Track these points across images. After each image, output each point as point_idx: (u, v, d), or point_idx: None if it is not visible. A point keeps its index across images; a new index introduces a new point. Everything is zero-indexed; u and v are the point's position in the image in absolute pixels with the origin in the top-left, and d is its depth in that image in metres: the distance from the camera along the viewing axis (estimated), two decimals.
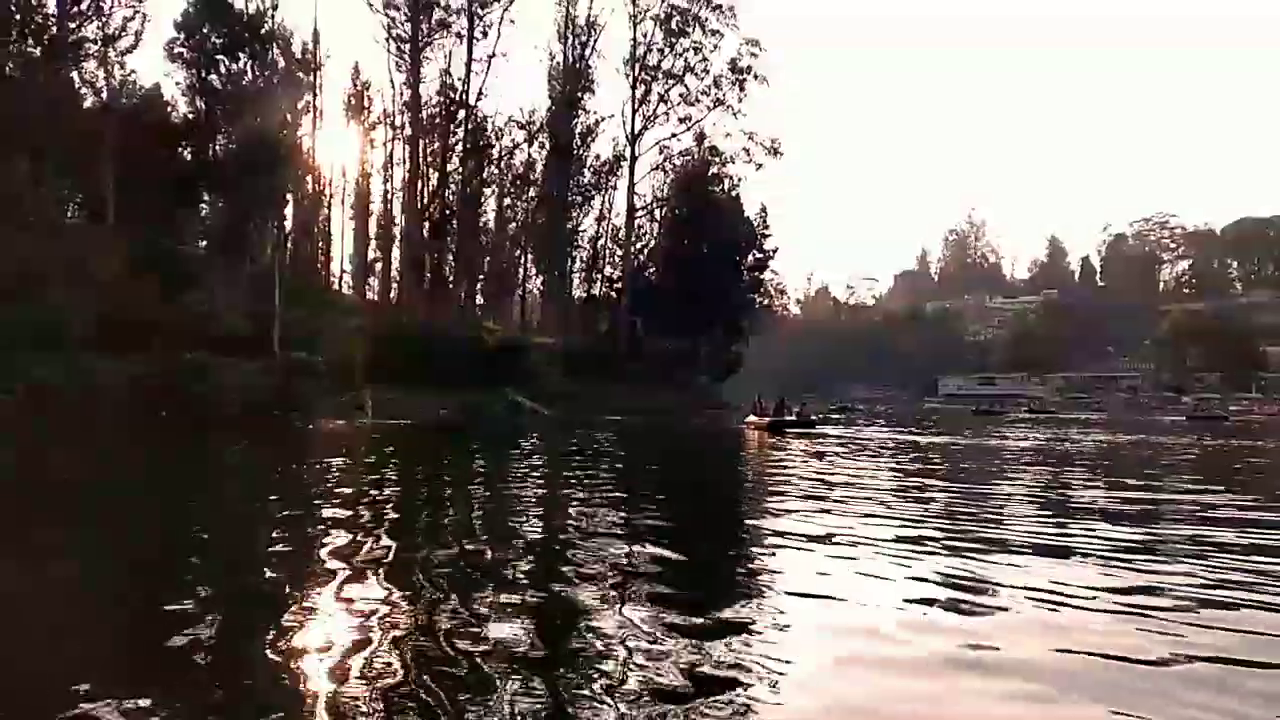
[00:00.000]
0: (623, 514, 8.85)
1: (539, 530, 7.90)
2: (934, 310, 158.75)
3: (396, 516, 8.46)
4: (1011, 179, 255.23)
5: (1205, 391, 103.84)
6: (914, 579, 5.73)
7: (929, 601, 5.13)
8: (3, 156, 29.62)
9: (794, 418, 29.47)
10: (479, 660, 3.93)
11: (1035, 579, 5.67)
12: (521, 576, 5.73)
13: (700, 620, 4.58)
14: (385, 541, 6.87)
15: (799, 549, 6.86)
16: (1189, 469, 16.62)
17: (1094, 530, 7.96)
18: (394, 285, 55.05)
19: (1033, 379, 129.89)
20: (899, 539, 7.28)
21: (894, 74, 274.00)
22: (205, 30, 39.61)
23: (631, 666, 3.87)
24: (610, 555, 6.44)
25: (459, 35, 50.31)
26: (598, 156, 61.52)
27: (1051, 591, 5.34)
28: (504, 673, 3.78)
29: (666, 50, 56.99)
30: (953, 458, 18.92)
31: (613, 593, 5.21)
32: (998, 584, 5.59)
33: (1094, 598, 5.22)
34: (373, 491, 10.47)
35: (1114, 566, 6.22)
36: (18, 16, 31.69)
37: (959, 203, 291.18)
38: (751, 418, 30.10)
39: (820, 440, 23.83)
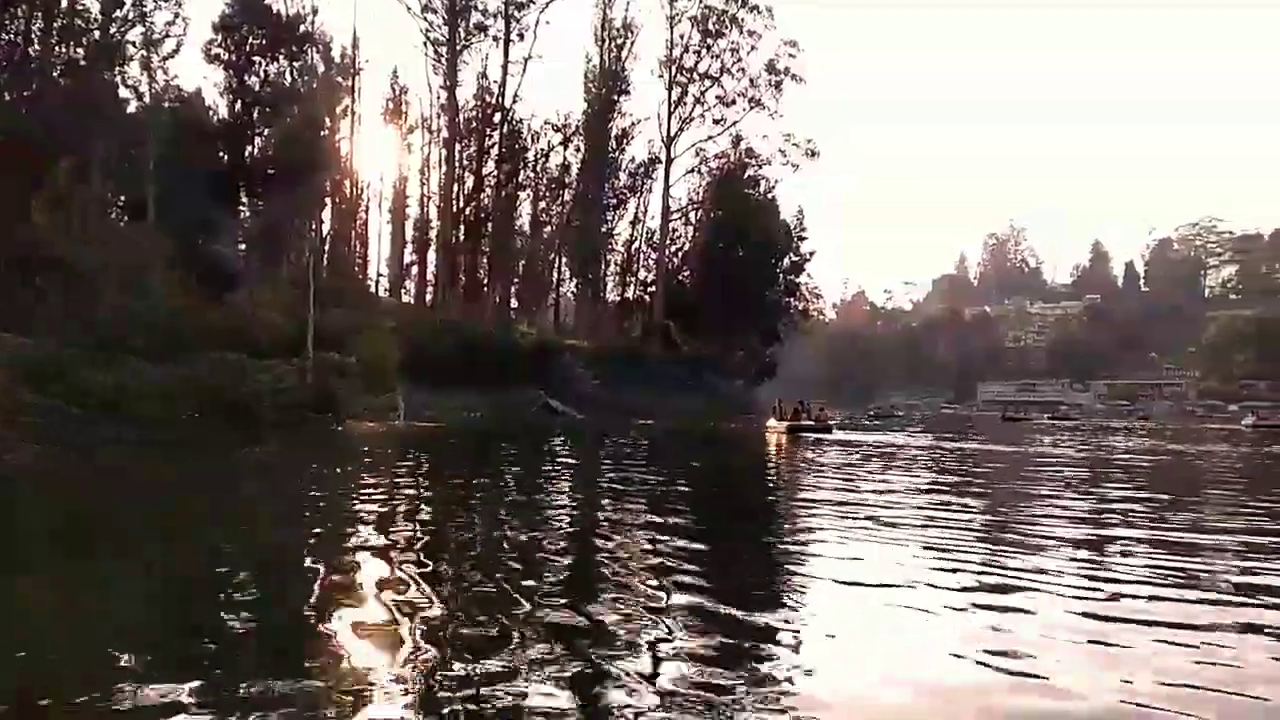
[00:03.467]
0: (650, 530, 8.51)
1: (569, 542, 7.69)
2: (973, 315, 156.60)
3: (427, 523, 8.32)
4: (1053, 183, 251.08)
5: (1251, 399, 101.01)
6: (953, 595, 5.46)
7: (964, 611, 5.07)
8: (51, 159, 30.10)
9: (812, 422, 30.12)
10: (518, 645, 4.07)
11: (1074, 597, 5.44)
12: (551, 590, 5.56)
13: (735, 643, 4.38)
14: (412, 551, 6.70)
15: (830, 558, 6.74)
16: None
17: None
18: (429, 288, 55.32)
19: (1075, 385, 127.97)
20: (930, 549, 7.11)
21: (934, 76, 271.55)
22: (243, 31, 39.96)
23: (668, 668, 3.88)
24: (640, 571, 6.22)
25: (495, 38, 50.59)
26: (633, 159, 61.41)
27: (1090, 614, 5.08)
28: (541, 676, 3.77)
29: (703, 51, 56.77)
30: (990, 466, 18.38)
31: (646, 614, 4.94)
32: (1030, 590, 5.54)
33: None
34: (402, 496, 10.37)
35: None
36: (62, 21, 32.16)
37: (999, 207, 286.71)
38: (772, 422, 30.26)
39: (849, 446, 23.58)
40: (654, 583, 5.71)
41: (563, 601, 5.12)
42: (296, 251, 44.29)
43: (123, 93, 36.38)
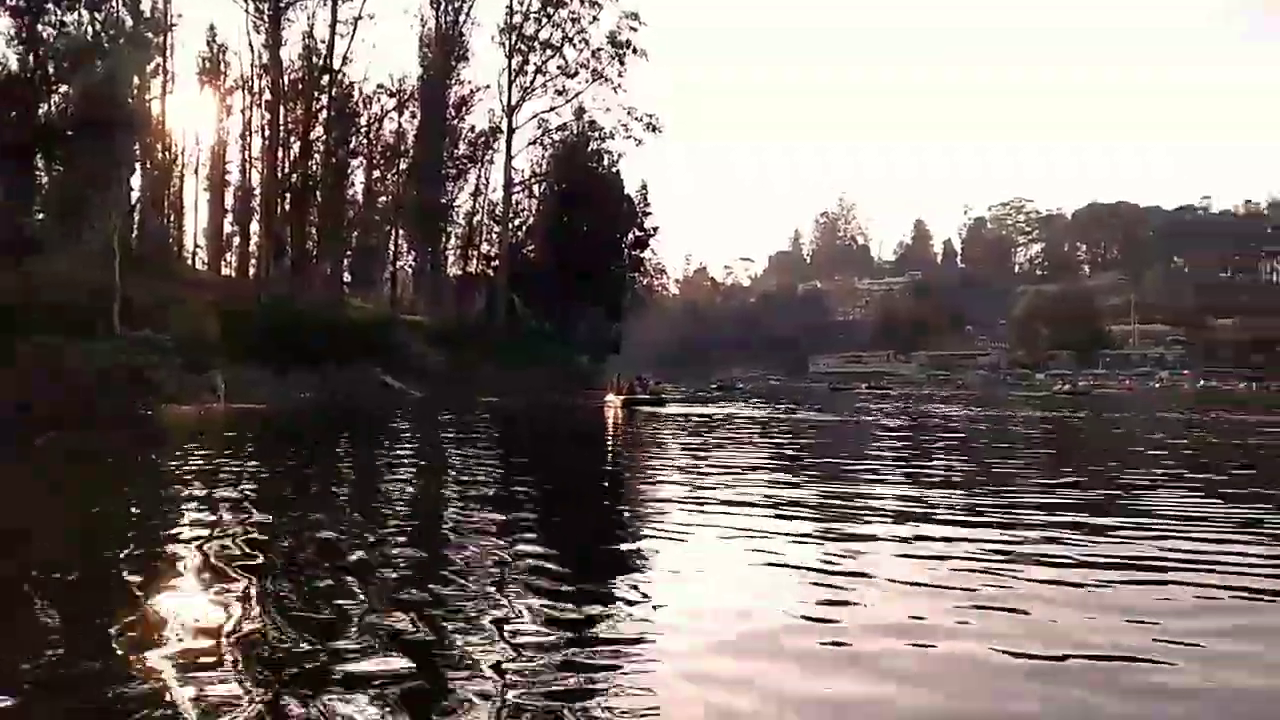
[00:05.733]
0: (495, 502, 8.39)
1: (409, 519, 7.40)
2: (806, 291, 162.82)
3: (248, 513, 7.39)
4: (880, 163, 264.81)
5: (1055, 368, 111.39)
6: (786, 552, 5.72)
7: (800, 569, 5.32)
8: None
9: (647, 396, 31.76)
10: (352, 659, 3.57)
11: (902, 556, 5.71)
12: (391, 570, 5.31)
13: (575, 608, 4.41)
14: (235, 543, 5.92)
15: (668, 527, 6.82)
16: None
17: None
18: (253, 261, 51.89)
19: (898, 357, 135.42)
20: (768, 510, 7.45)
21: (768, 56, 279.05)
22: None
23: (513, 658, 3.64)
24: (486, 546, 6.08)
25: None
26: (473, 128, 59.46)
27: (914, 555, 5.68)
28: (373, 676, 3.37)
29: (544, 20, 55.48)
30: (824, 433, 19.20)
31: (490, 586, 4.91)
32: (868, 554, 5.81)
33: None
34: (218, 486, 9.29)
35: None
36: None
37: (830, 185, 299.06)
38: (610, 397, 30.90)
39: (692, 418, 24.20)
40: (495, 554, 5.74)
41: (398, 583, 4.84)
42: (102, 219, 40.43)
43: None
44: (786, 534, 6.51)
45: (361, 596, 4.56)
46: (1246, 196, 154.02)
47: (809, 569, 5.28)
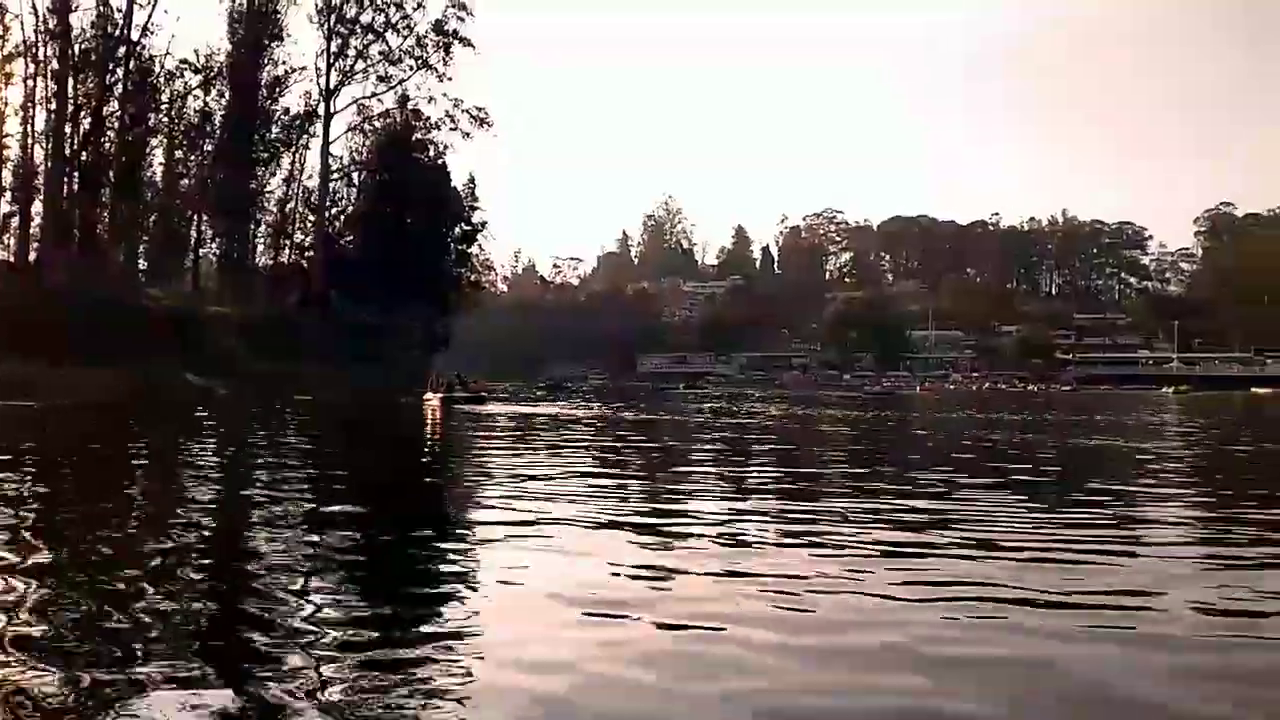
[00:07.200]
0: (303, 503, 8.04)
1: (209, 523, 6.84)
2: (635, 291, 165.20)
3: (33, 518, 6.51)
4: (706, 168, 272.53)
5: (861, 370, 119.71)
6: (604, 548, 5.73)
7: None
8: None
9: (466, 394, 31.53)
10: (150, 665, 3.25)
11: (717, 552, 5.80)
12: (194, 574, 4.96)
13: (389, 607, 4.29)
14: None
15: (486, 525, 6.73)
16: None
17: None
18: (34, 245, 46.94)
19: (720, 358, 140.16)
20: (589, 505, 7.52)
21: (599, 55, 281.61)
22: None
23: (322, 658, 3.42)
24: (295, 545, 5.82)
25: None
26: (287, 111, 56.61)
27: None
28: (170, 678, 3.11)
29: (365, 2, 53.55)
30: (646, 430, 19.62)
31: (298, 584, 4.67)
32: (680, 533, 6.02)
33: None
34: None
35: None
36: None
37: (658, 188, 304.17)
38: (428, 395, 30.34)
39: (518, 417, 24.38)
40: (303, 551, 5.58)
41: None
42: None
43: None
44: (606, 527, 6.55)
45: (158, 600, 4.20)
46: (1032, 213, 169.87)
47: (626, 561, 5.28)
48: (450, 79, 55.16)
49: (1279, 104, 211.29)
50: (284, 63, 54.83)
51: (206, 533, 6.37)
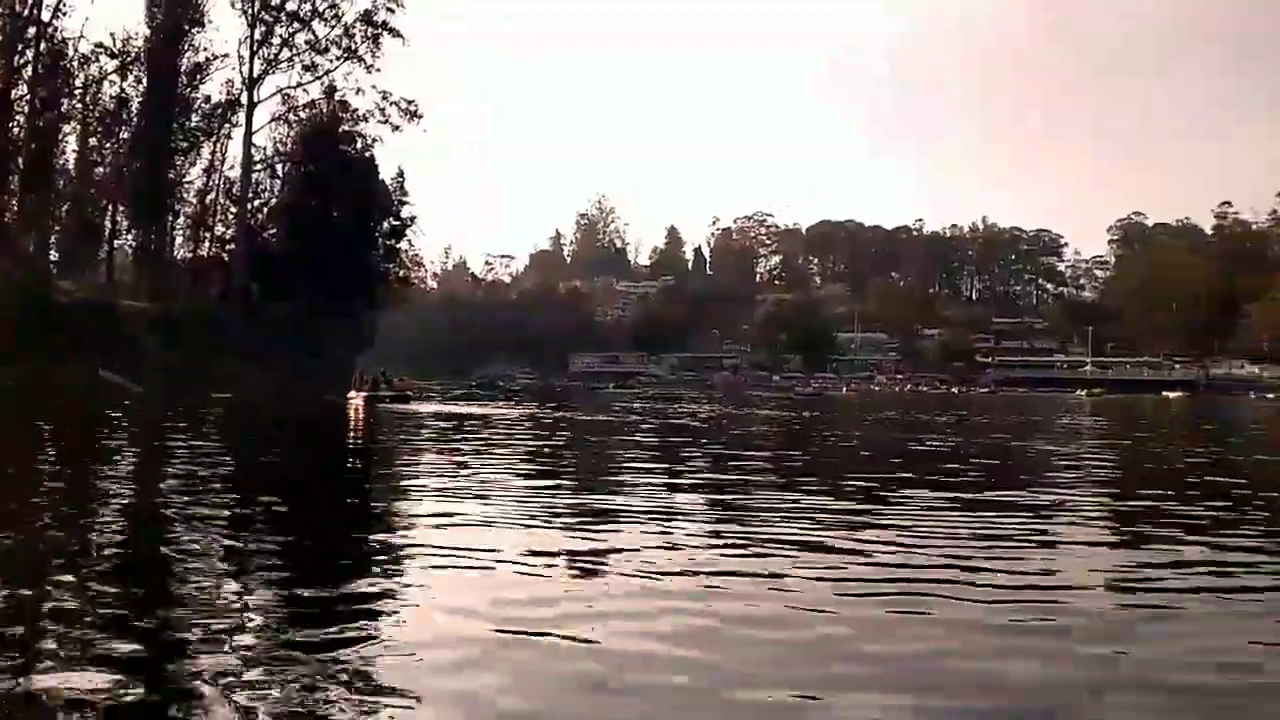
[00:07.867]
0: (219, 504, 7.78)
1: (128, 518, 6.82)
2: (567, 290, 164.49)
3: None
4: (639, 168, 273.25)
5: (790, 371, 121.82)
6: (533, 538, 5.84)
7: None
8: None
9: (391, 392, 31.21)
10: (59, 670, 3.13)
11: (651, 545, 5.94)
12: (102, 573, 4.80)
13: (321, 595, 4.39)
14: None
15: (414, 519, 6.93)
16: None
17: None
18: None
19: (651, 358, 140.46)
20: (520, 508, 7.52)
21: (535, 51, 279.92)
22: None
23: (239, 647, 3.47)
24: (209, 544, 5.68)
25: None
26: (208, 99, 54.78)
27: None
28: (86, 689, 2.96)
29: None
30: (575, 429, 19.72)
31: (213, 581, 4.67)
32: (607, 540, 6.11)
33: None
34: None
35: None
36: None
37: (592, 186, 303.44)
38: (352, 393, 29.78)
39: (446, 416, 24.42)
40: (225, 552, 5.48)
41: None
42: None
43: None
44: (537, 527, 6.59)
45: (71, 600, 4.09)
46: (954, 220, 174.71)
47: (556, 564, 5.32)
48: (379, 70, 54.07)
49: (1190, 116, 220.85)
50: (205, 49, 53.11)
51: (118, 533, 6.18)
